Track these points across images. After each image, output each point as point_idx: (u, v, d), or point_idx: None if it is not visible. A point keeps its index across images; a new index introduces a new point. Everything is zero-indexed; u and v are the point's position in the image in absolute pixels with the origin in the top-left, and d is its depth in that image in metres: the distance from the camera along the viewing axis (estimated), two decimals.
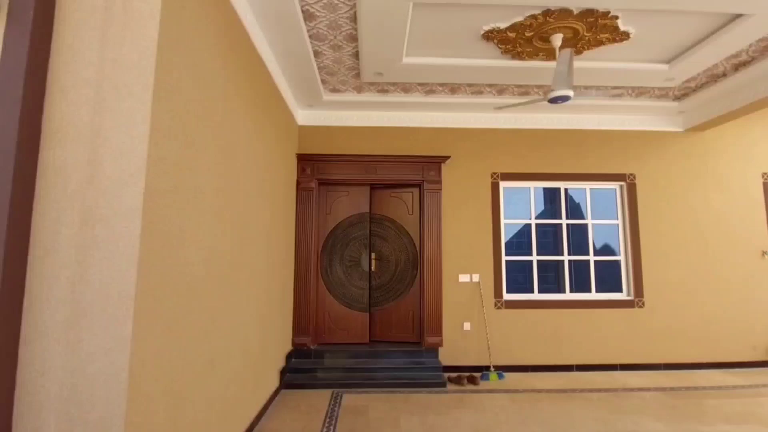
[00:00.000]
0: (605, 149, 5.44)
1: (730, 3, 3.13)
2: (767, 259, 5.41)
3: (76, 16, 1.79)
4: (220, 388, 2.65)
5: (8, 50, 1.69)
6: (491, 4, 3.11)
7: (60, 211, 1.68)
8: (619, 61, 4.11)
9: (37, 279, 1.65)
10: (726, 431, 3.39)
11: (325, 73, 4.41)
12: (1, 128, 1.64)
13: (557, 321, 5.17)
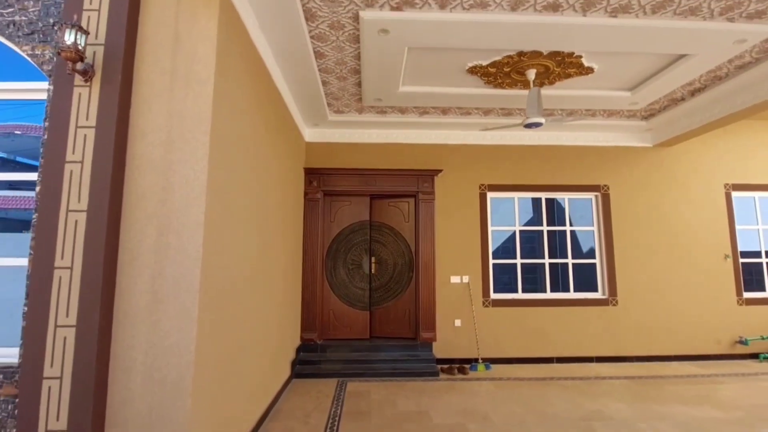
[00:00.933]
0: (581, 163, 6.03)
1: (674, 46, 3.75)
2: (729, 262, 6.00)
3: (150, 78, 2.36)
4: (248, 371, 3.20)
5: (103, 104, 2.26)
6: (473, 48, 3.71)
7: (142, 226, 2.24)
8: (588, 89, 4.72)
9: (126, 276, 2.21)
10: (679, 410, 3.95)
11: (331, 98, 5.00)
12: (99, 163, 2.20)
13: (539, 318, 5.73)
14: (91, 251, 2.13)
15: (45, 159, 2.21)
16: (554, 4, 3.14)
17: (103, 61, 2.27)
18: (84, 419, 2.03)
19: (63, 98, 2.24)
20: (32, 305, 2.10)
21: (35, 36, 2.46)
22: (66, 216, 2.15)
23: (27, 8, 2.48)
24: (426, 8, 3.18)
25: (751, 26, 3.47)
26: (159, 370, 2.15)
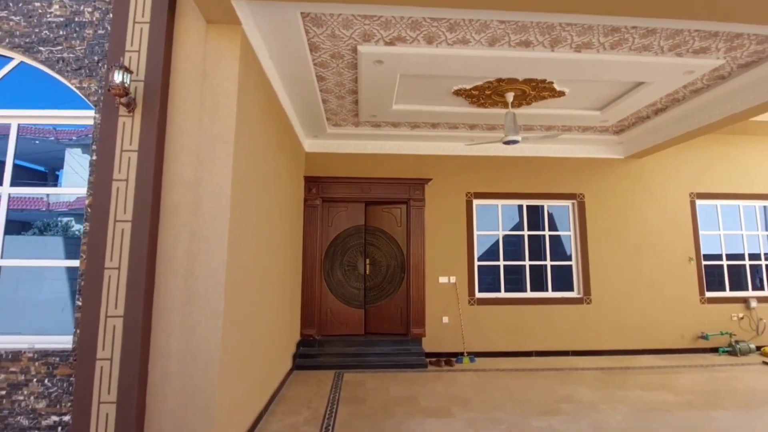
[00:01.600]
0: (559, 173, 6.56)
1: (632, 75, 4.28)
2: (693, 264, 6.57)
3: (182, 108, 2.81)
4: (258, 360, 3.64)
5: (143, 131, 2.70)
6: (457, 75, 4.21)
7: (177, 233, 2.68)
8: (562, 109, 5.24)
9: (163, 275, 2.64)
10: (637, 395, 4.47)
11: (330, 114, 5.45)
12: (141, 181, 2.64)
13: (520, 315, 6.24)
14: (135, 254, 2.56)
15: (95, 177, 2.64)
16: (526, 41, 3.64)
17: (144, 94, 2.71)
18: (130, 393, 2.46)
19: (110, 126, 2.68)
20: (86, 299, 2.53)
21: (82, 71, 2.89)
22: (114, 225, 2.58)
23: (74, 47, 2.91)
24: (415, 44, 3.66)
25: (697, 60, 4.01)
26: (191, 354, 2.59)
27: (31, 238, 3.53)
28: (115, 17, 2.77)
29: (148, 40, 2.76)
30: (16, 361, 2.61)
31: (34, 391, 2.60)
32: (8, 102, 2.99)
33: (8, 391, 2.59)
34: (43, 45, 2.91)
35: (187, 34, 2.86)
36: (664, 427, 3.59)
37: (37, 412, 2.58)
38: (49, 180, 4.01)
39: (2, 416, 2.57)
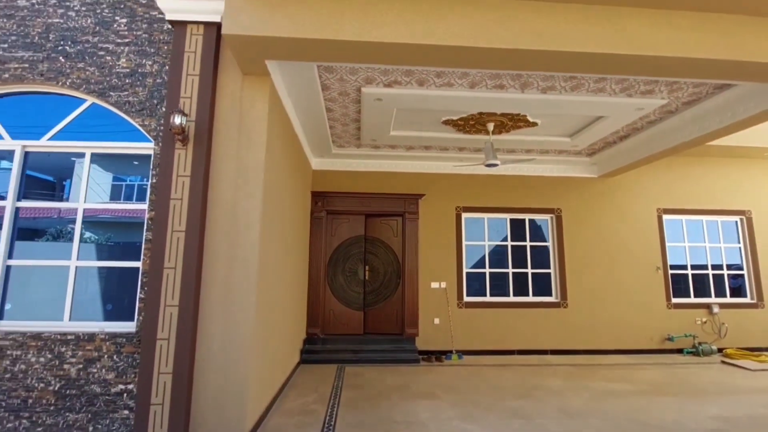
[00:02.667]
0: (539, 190, 7.33)
1: (592, 111, 5.07)
2: (659, 273, 7.30)
3: (224, 143, 3.55)
4: (275, 350, 4.32)
5: (194, 160, 3.44)
6: (444, 109, 4.98)
7: (219, 242, 3.40)
8: (537, 136, 6.02)
9: (208, 275, 3.35)
10: (600, 385, 5.15)
11: (335, 137, 6.22)
12: (193, 200, 3.37)
13: (504, 317, 6.93)
14: (188, 257, 3.28)
15: (157, 196, 3.37)
16: (500, 84, 4.42)
17: (194, 132, 3.45)
18: (183, 366, 3.15)
19: (168, 157, 3.41)
20: (149, 292, 3.24)
21: (144, 112, 3.64)
22: (171, 234, 3.30)
23: (138, 93, 3.66)
24: (409, 86, 4.44)
25: (645, 100, 4.80)
26: (229, 337, 3.29)
27: (61, 244, 4.17)
28: (171, 71, 3.53)
29: (198, 89, 3.51)
30: (91, 342, 3.30)
31: (105, 365, 3.28)
32: (81, 135, 3.73)
33: (85, 365, 3.28)
34: (113, 90, 3.66)
35: (228, 83, 3.63)
36: (614, 407, 4.28)
37: (107, 382, 3.26)
38: (57, 189, 4.40)
39: (80, 384, 3.25)
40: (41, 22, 3.76)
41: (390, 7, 3.19)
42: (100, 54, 3.71)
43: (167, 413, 3.09)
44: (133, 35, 3.74)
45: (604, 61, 3.51)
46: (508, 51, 3.29)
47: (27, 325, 3.38)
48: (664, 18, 3.42)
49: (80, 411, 3.21)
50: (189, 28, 3.59)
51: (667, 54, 3.43)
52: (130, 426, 3.18)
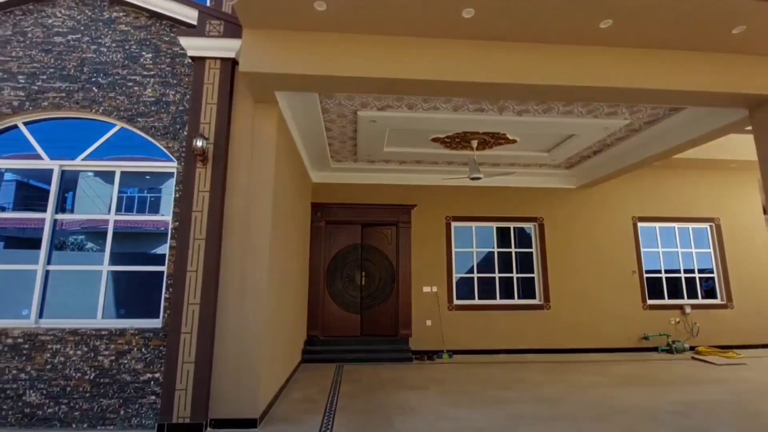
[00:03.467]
0: (523, 200, 7.90)
1: (563, 130, 5.66)
2: (635, 277, 7.86)
3: (238, 162, 4.08)
4: (281, 347, 4.79)
5: (213, 177, 3.95)
6: (432, 129, 5.55)
7: (233, 248, 3.90)
8: (518, 151, 6.60)
9: (225, 277, 3.85)
10: (575, 377, 5.64)
11: (334, 153, 6.77)
12: (212, 212, 3.87)
13: (491, 319, 7.43)
14: (208, 262, 3.77)
15: (180, 209, 3.87)
16: (480, 108, 5.00)
17: (213, 152, 3.97)
18: (203, 356, 3.63)
19: (190, 175, 3.93)
20: (174, 292, 3.72)
21: (168, 135, 4.16)
22: (193, 241, 3.80)
23: (162, 119, 4.19)
24: (400, 110, 5.01)
25: (610, 120, 5.40)
26: (243, 331, 3.77)
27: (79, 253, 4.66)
28: (192, 100, 4.06)
29: (216, 115, 4.05)
30: (122, 336, 3.77)
31: (134, 357, 3.74)
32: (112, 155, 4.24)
33: (116, 356, 3.73)
34: (140, 117, 4.18)
35: (241, 110, 4.17)
36: (586, 395, 4.78)
37: (137, 371, 3.72)
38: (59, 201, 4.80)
39: (112, 374, 3.70)
40: (76, 57, 4.30)
41: (379, 48, 3.76)
42: (129, 85, 4.25)
43: (190, 397, 3.56)
44: (157, 68, 4.29)
45: (569, 92, 4.10)
46: (483, 84, 3.87)
47: (65, 322, 3.84)
48: (618, 55, 4.01)
49: (113, 397, 3.67)
50: (207, 62, 4.14)
51: (620, 85, 4.02)
52: (156, 409, 3.64)
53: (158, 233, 4.13)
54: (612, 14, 3.55)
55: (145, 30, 4.37)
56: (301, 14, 3.51)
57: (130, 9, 4.40)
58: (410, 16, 3.53)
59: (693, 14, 3.58)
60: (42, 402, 3.65)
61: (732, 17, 3.64)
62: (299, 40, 3.71)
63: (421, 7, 3.42)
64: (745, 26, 3.74)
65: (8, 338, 3.74)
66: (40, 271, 3.95)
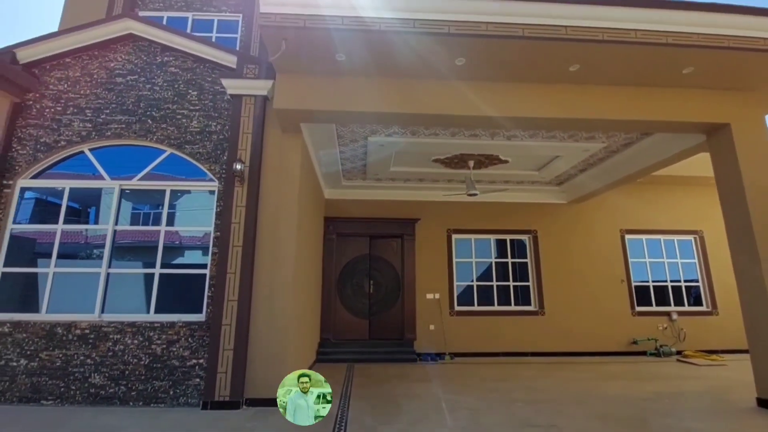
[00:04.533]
0: (518, 214, 8.59)
1: (548, 152, 6.41)
2: (624, 285, 8.45)
3: (268, 181, 4.85)
4: (300, 343, 5.46)
5: (248, 194, 4.72)
6: (433, 152, 6.33)
7: (264, 255, 4.64)
8: (510, 170, 7.35)
9: (258, 279, 4.57)
10: (566, 374, 6.22)
11: (345, 172, 7.55)
12: (247, 223, 4.63)
13: (490, 324, 8.04)
14: (244, 265, 4.50)
15: (222, 221, 4.63)
16: (475, 134, 5.77)
17: (248, 174, 4.75)
18: (240, 344, 4.32)
19: (229, 192, 4.70)
20: (216, 290, 4.44)
21: (211, 159, 4.96)
22: (232, 248, 4.54)
23: (206, 146, 4.99)
24: (405, 136, 5.79)
25: (588, 144, 6.14)
26: (272, 324, 4.47)
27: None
28: (231, 131, 4.87)
29: (251, 143, 4.84)
30: (172, 328, 4.47)
31: (182, 345, 4.44)
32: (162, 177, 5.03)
33: (167, 345, 4.43)
34: (187, 144, 4.99)
35: (272, 138, 4.96)
36: (571, 386, 5.38)
37: (184, 358, 4.41)
38: (81, 216, 5.29)
39: (164, 360, 4.39)
40: (134, 94, 5.15)
41: (387, 88, 4.56)
42: (178, 117, 5.07)
43: (229, 379, 4.24)
44: (202, 104, 5.12)
45: (547, 123, 4.87)
46: (474, 117, 4.64)
47: (124, 316, 4.56)
48: (586, 91, 4.78)
49: (164, 379, 4.36)
50: (244, 99, 4.97)
51: (590, 117, 4.78)
52: (200, 389, 4.31)
53: (174, 246, 4.89)
54: (579, 61, 4.33)
55: (192, 72, 5.22)
56: (324, 63, 4.33)
57: (178, 54, 5.27)
58: (411, 64, 4.33)
59: (646, 59, 4.36)
60: (104, 383, 4.35)
61: (680, 61, 4.41)
62: (322, 82, 4.53)
63: (420, 57, 4.22)
64: (693, 67, 4.50)
65: (77, 330, 4.46)
66: (103, 274, 4.69)
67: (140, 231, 5.13)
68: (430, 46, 4.04)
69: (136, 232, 5.08)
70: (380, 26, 3.84)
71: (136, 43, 5.31)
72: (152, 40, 5.27)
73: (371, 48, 4.10)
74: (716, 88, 4.91)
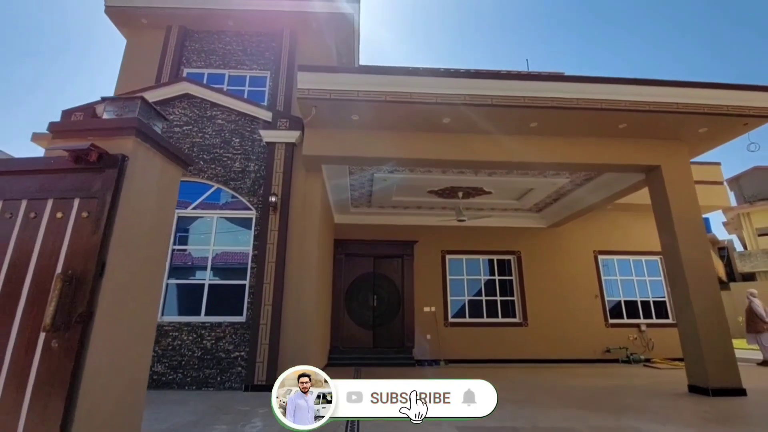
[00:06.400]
0: (504, 237, 9.82)
1: (523, 185, 7.71)
2: (598, 300, 9.59)
3: (295, 210, 6.11)
4: (318, 342, 6.58)
5: (280, 221, 5.97)
6: (428, 185, 7.63)
7: (292, 267, 5.85)
8: (494, 199, 8.63)
9: (288, 288, 5.76)
10: (543, 374, 7.28)
11: (353, 200, 8.84)
12: (279, 244, 5.86)
13: (480, 334, 9.12)
14: (276, 277, 5.70)
15: (259, 242, 5.86)
16: (461, 171, 7.07)
17: (280, 205, 6.01)
18: (274, 340, 5.46)
19: (265, 219, 5.95)
20: (255, 296, 5.62)
21: (250, 193, 6.23)
22: (267, 264, 5.74)
23: (246, 182, 6.28)
24: (404, 173, 7.10)
25: (555, 179, 7.45)
26: (299, 325, 5.62)
27: None
28: (267, 171, 6.17)
29: (282, 180, 6.13)
30: (219, 327, 5.61)
31: (227, 340, 5.57)
32: (211, 206, 6.29)
33: (215, 341, 5.56)
34: (231, 181, 6.28)
35: (298, 177, 6.26)
36: (544, 381, 6.46)
37: (229, 351, 5.53)
38: None
39: (213, 352, 5.51)
40: (189, 141, 6.48)
41: (390, 139, 5.89)
42: (224, 160, 6.38)
43: (266, 367, 5.36)
44: (243, 149, 6.45)
45: (515, 165, 6.18)
46: (456, 161, 5.95)
47: (181, 318, 5.72)
48: (545, 141, 6.10)
49: (213, 368, 5.47)
50: (276, 145, 6.29)
51: (548, 161, 6.08)
52: (242, 376, 5.42)
53: (220, 267, 6.11)
54: (536, 120, 5.67)
55: (235, 123, 6.58)
56: (342, 121, 5.68)
57: (224, 109, 6.64)
58: (409, 122, 5.68)
59: (590, 119, 5.70)
60: (165, 371, 5.45)
61: (615, 120, 5.75)
62: (340, 134, 5.86)
63: (415, 118, 5.57)
64: (626, 124, 5.84)
65: None
66: (163, 285, 5.88)
67: (192, 250, 6.35)
68: (420, 110, 5.39)
69: (187, 253, 6.30)
70: (385, 98, 5.20)
71: (190, 100, 6.69)
72: (203, 98, 6.65)
73: (377, 111, 5.45)
74: (648, 138, 6.23)
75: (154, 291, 2.61)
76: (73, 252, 2.14)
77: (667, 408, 4.59)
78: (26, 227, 2.22)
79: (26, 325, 2.04)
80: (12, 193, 2.30)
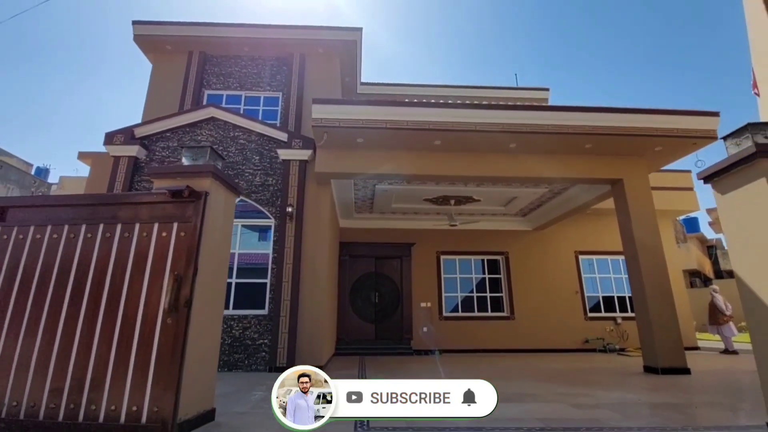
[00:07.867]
0: (493, 239, 10.82)
1: (509, 194, 8.71)
2: (578, 296, 10.60)
3: (308, 219, 7.11)
4: (329, 333, 7.57)
5: (295, 229, 6.97)
6: (423, 195, 8.63)
7: (306, 268, 6.84)
8: (484, 206, 9.63)
9: (303, 287, 6.75)
10: (527, 360, 8.29)
11: (357, 207, 9.83)
12: (296, 249, 6.85)
13: (471, 327, 10.12)
14: (293, 276, 6.69)
15: (278, 247, 6.84)
16: (453, 183, 8.06)
17: (295, 214, 7.00)
18: (293, 330, 6.45)
19: (282, 227, 6.94)
20: (275, 293, 6.61)
21: (269, 204, 7.22)
22: (285, 265, 6.73)
23: (265, 194, 7.26)
24: (402, 184, 8.09)
25: (536, 189, 8.44)
26: (314, 318, 6.61)
27: None
28: (283, 184, 7.15)
29: (297, 193, 7.12)
30: (245, 319, 6.60)
31: (252, 330, 6.55)
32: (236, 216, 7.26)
33: (243, 330, 6.54)
34: (252, 193, 7.26)
35: (310, 190, 7.24)
36: (526, 365, 7.47)
37: (254, 338, 6.51)
38: None
39: (240, 340, 6.50)
40: None
41: (390, 157, 6.88)
42: (245, 175, 7.37)
43: (285, 353, 6.35)
44: (262, 165, 7.43)
45: (498, 179, 7.17)
46: (447, 176, 6.95)
47: None
48: (522, 158, 7.09)
49: (241, 354, 6.46)
50: (291, 162, 7.28)
51: (526, 175, 7.08)
52: (266, 360, 6.41)
53: (244, 267, 7.10)
54: (514, 142, 6.67)
55: (255, 143, 7.56)
56: (349, 144, 6.67)
57: (245, 130, 7.62)
58: (406, 144, 6.67)
59: (560, 141, 6.69)
60: None
61: (581, 141, 6.75)
62: (347, 154, 6.85)
63: (411, 141, 6.56)
64: (591, 144, 6.85)
65: None
66: None
67: None
68: (415, 135, 6.38)
69: None
70: (386, 125, 6.19)
71: (216, 122, 7.67)
72: (227, 121, 7.63)
73: (379, 135, 6.44)
74: (612, 155, 7.23)
75: (222, 285, 3.61)
76: (175, 259, 3.14)
77: (619, 382, 5.61)
78: (140, 243, 3.21)
79: (149, 308, 3.04)
80: (125, 218, 3.30)
